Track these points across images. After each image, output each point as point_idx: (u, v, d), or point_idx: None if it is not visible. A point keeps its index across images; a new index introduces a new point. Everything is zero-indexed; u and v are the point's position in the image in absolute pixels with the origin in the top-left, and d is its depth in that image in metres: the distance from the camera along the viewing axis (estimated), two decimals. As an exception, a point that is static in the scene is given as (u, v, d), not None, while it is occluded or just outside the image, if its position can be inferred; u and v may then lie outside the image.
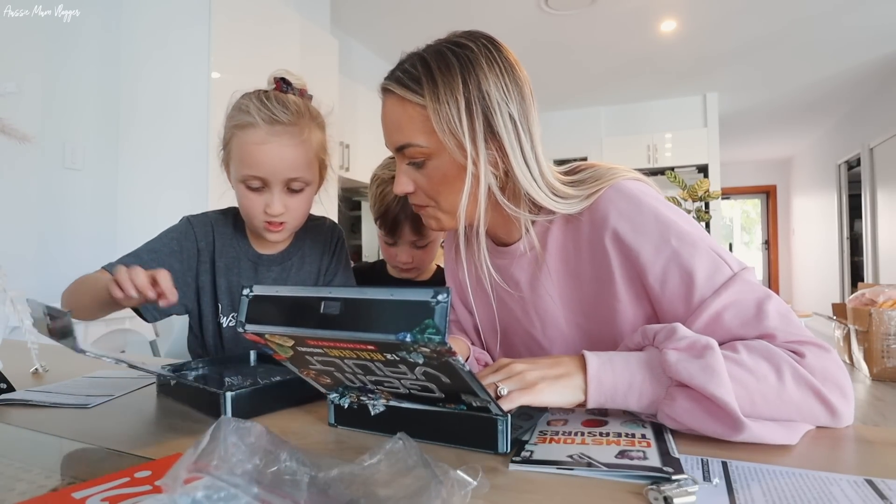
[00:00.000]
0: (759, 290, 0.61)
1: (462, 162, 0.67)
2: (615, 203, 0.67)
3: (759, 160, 8.79)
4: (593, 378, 0.55)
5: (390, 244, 1.15)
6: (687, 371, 0.52)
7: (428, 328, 0.42)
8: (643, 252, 0.65)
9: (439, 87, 0.65)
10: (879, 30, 3.98)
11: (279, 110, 0.87)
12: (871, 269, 5.40)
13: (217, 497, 0.29)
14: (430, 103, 0.65)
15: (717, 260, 0.63)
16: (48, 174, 2.17)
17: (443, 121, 0.65)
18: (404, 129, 0.68)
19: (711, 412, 0.51)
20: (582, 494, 0.42)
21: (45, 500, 0.41)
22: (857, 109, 5.83)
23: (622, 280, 0.68)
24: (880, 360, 3.63)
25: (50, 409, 0.68)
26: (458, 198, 0.68)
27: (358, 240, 4.48)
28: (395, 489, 0.34)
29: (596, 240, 0.69)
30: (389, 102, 0.70)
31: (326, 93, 3.10)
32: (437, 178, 0.69)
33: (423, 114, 0.66)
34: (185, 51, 2.33)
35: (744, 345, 0.56)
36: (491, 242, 0.81)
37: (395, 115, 0.69)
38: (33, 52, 2.12)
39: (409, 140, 0.68)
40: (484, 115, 0.66)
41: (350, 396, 0.59)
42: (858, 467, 0.48)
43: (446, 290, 0.42)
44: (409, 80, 0.67)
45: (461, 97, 0.65)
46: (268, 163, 0.86)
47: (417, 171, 0.70)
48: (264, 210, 0.89)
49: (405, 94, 0.67)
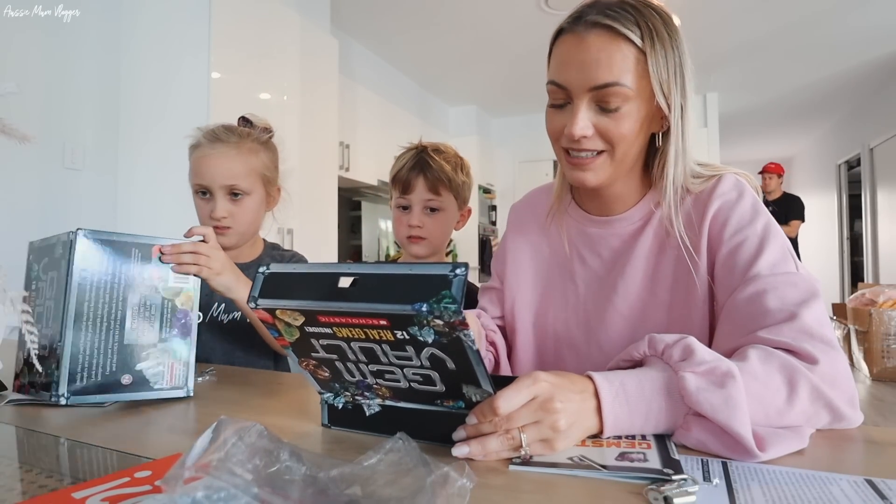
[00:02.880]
0: (811, 290, 0.62)
1: (654, 112, 0.69)
2: (721, 186, 0.72)
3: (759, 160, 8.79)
4: (609, 414, 0.52)
5: (404, 207, 1.18)
6: (710, 404, 0.49)
7: (444, 298, 0.43)
8: (729, 226, 0.69)
9: (655, 34, 0.66)
10: (879, 30, 3.98)
11: (222, 132, 1.07)
12: (871, 269, 5.41)
13: (217, 497, 0.29)
14: (648, 46, 0.65)
15: (787, 256, 0.66)
16: (48, 174, 2.17)
17: (658, 68, 0.66)
18: (614, 67, 0.65)
19: (726, 443, 0.49)
20: (582, 495, 0.42)
21: (45, 500, 0.41)
22: (857, 109, 5.83)
23: (705, 260, 0.71)
24: (880, 360, 3.63)
25: (50, 409, 0.68)
26: (632, 147, 0.70)
27: (358, 240, 4.48)
28: (395, 489, 0.34)
29: (696, 217, 0.73)
30: (597, 37, 0.66)
31: (326, 93, 3.11)
32: (628, 123, 0.67)
33: (638, 56, 0.66)
34: (184, 51, 2.33)
35: (758, 356, 0.55)
36: (583, 212, 0.83)
37: (604, 50, 0.65)
38: (33, 52, 2.12)
39: (617, 79, 0.65)
40: (682, 77, 0.69)
41: (344, 396, 0.58)
42: (858, 467, 0.48)
43: (464, 264, 0.44)
44: (626, 21, 0.65)
45: (672, 52, 0.67)
46: (208, 172, 1.04)
47: (604, 114, 0.67)
48: (210, 215, 1.04)
49: (625, 30, 0.65)
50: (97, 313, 0.70)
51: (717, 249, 0.70)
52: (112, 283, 0.72)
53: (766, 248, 0.66)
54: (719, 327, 0.67)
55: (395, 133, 3.97)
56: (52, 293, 0.72)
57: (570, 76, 0.67)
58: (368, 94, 4.08)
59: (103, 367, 0.70)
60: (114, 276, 0.72)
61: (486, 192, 5.82)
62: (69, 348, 0.68)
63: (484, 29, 3.97)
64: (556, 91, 0.70)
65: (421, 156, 1.15)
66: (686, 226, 0.73)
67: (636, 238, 0.77)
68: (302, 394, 0.76)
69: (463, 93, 5.52)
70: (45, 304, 0.74)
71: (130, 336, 0.72)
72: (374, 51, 4.42)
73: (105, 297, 0.71)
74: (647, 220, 0.77)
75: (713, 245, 0.71)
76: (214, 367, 0.96)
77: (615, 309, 0.77)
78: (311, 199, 2.92)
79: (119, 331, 0.72)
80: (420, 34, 4.13)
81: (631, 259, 0.77)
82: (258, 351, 1.08)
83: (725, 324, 0.66)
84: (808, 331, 0.57)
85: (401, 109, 4.60)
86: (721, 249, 0.70)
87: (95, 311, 0.70)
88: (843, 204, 6.31)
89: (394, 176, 1.18)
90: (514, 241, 0.91)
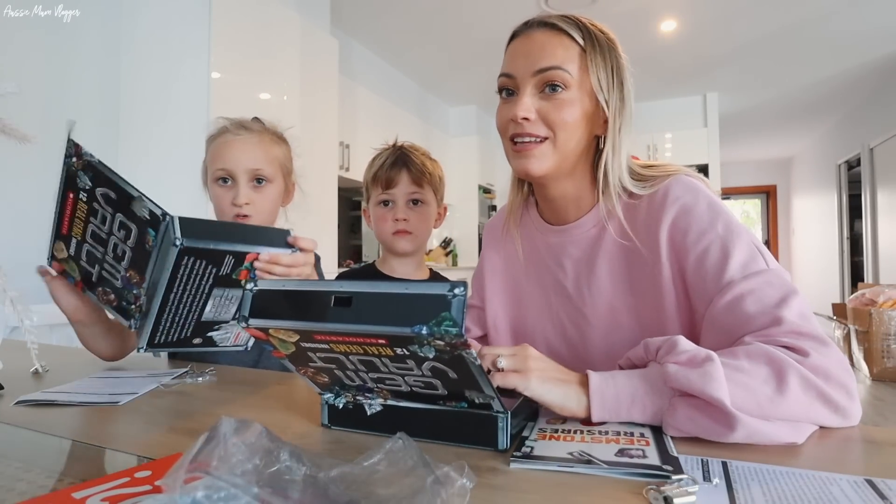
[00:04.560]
0: (786, 286, 0.62)
1: (592, 109, 0.73)
2: (673, 190, 0.72)
3: (759, 160, 8.80)
4: (595, 392, 0.56)
5: (386, 203, 1.20)
6: (686, 378, 0.52)
7: (445, 321, 0.42)
8: (690, 232, 0.69)
9: (595, 43, 0.73)
10: (879, 30, 3.98)
11: (246, 121, 1.09)
12: (871, 269, 5.41)
13: (217, 497, 0.29)
14: (588, 46, 0.72)
15: (756, 253, 0.66)
16: (48, 174, 2.16)
17: (597, 66, 0.72)
18: (557, 54, 0.72)
19: (710, 414, 0.51)
20: (582, 494, 0.42)
21: (45, 500, 0.41)
22: (857, 109, 5.83)
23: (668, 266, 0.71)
24: (880, 360, 3.63)
25: (50, 409, 0.68)
26: (572, 138, 0.73)
27: (358, 240, 4.48)
28: (395, 489, 0.34)
29: (651, 222, 0.73)
30: (543, 32, 0.74)
31: (326, 93, 3.11)
32: (566, 108, 0.72)
33: (579, 51, 0.72)
34: (184, 51, 2.33)
35: (744, 351, 0.56)
36: (543, 222, 0.84)
37: (548, 42, 0.73)
38: (33, 52, 2.12)
39: (559, 63, 0.72)
40: (620, 83, 0.74)
41: (345, 396, 0.58)
42: (858, 467, 0.48)
43: (463, 283, 0.43)
44: (569, 25, 0.73)
45: (609, 61, 0.74)
46: (232, 156, 1.03)
47: (546, 99, 0.73)
48: (232, 202, 1.03)
49: (567, 29, 0.73)
50: (182, 297, 0.73)
51: (684, 258, 0.70)
52: (201, 280, 0.73)
53: (733, 250, 0.66)
54: (705, 337, 0.68)
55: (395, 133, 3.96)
56: (121, 235, 0.72)
57: (517, 65, 0.74)
58: (368, 94, 4.08)
59: (179, 333, 0.77)
60: (202, 277, 0.73)
61: (486, 192, 5.82)
62: (155, 312, 0.72)
63: (484, 29, 3.97)
64: (505, 81, 0.76)
65: (401, 151, 1.19)
66: (642, 230, 0.74)
67: (595, 245, 0.78)
68: (302, 394, 0.76)
69: (463, 93, 5.52)
70: (112, 238, 0.73)
71: (208, 315, 0.78)
72: (374, 51, 4.42)
73: (191, 287, 0.73)
74: (602, 227, 0.78)
75: (678, 253, 0.71)
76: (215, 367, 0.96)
77: (585, 317, 0.79)
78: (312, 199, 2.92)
79: (199, 311, 0.76)
80: (420, 34, 4.13)
81: (593, 267, 0.78)
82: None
83: (709, 334, 0.67)
84: (796, 330, 0.58)
85: (401, 109, 4.60)
86: (688, 258, 0.69)
87: (181, 294, 0.73)
88: (843, 204, 6.31)
89: (374, 174, 1.20)
90: (490, 259, 0.94)
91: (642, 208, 0.75)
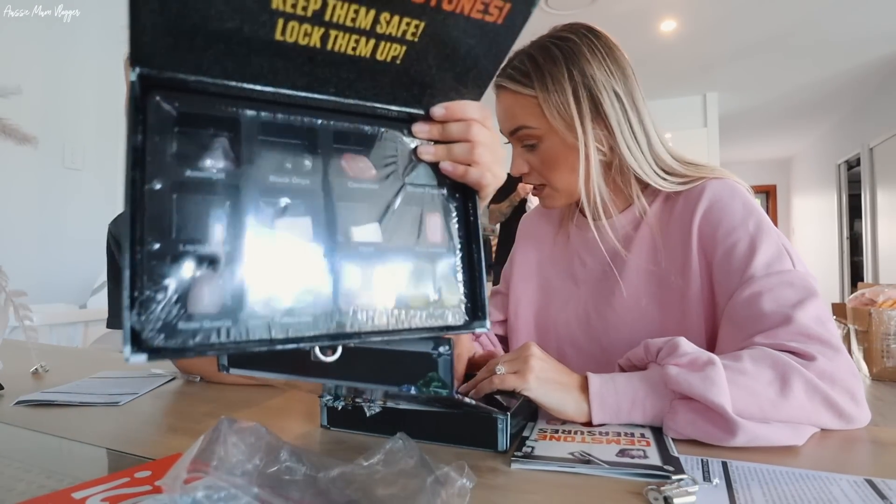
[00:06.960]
0: (807, 288, 0.62)
1: (572, 142, 0.74)
2: (711, 186, 0.73)
3: (759, 160, 8.79)
4: (595, 396, 0.56)
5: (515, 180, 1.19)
6: (687, 382, 0.52)
7: (433, 381, 0.41)
8: (721, 226, 0.70)
9: (547, 78, 0.73)
10: (879, 30, 3.98)
11: None
12: (871, 269, 5.40)
13: (217, 497, 0.29)
14: (540, 93, 0.73)
15: (783, 252, 0.66)
16: (48, 174, 2.17)
17: (553, 107, 0.73)
18: (517, 115, 0.76)
19: (710, 419, 0.51)
20: (582, 495, 0.42)
21: (45, 500, 0.41)
22: (857, 109, 5.83)
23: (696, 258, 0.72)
24: (880, 360, 3.63)
25: (50, 410, 0.68)
26: (569, 177, 0.76)
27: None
28: (395, 489, 0.34)
29: (685, 214, 0.73)
30: (503, 96, 0.78)
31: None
32: (548, 159, 0.76)
33: (534, 102, 0.74)
34: (185, 51, 2.33)
35: (749, 354, 0.56)
36: (581, 216, 0.85)
37: (508, 105, 0.77)
38: (33, 52, 2.12)
39: (521, 123, 0.75)
40: (590, 98, 0.73)
41: (344, 399, 0.58)
42: (858, 467, 0.48)
43: (447, 341, 0.41)
44: (520, 76, 0.75)
45: (567, 84, 0.73)
46: None
47: (530, 153, 0.77)
48: None
49: (517, 88, 0.75)
50: None
51: (713, 251, 0.70)
52: None
53: (759, 247, 0.66)
54: (721, 331, 0.68)
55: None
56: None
57: (500, 127, 0.77)
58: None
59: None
60: None
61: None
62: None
63: (484, 29, 3.96)
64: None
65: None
66: (676, 223, 0.74)
67: (630, 240, 0.79)
68: (302, 394, 0.76)
69: (463, 93, 5.51)
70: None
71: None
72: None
73: None
74: (637, 224, 0.79)
75: (707, 246, 0.71)
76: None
77: (613, 309, 0.79)
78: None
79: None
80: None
81: (626, 261, 0.79)
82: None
83: (726, 327, 0.67)
84: (805, 332, 0.58)
85: (401, 109, 4.58)
86: (717, 251, 0.70)
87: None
88: (843, 204, 6.30)
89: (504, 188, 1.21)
90: (523, 248, 0.96)
91: (679, 203, 0.76)
